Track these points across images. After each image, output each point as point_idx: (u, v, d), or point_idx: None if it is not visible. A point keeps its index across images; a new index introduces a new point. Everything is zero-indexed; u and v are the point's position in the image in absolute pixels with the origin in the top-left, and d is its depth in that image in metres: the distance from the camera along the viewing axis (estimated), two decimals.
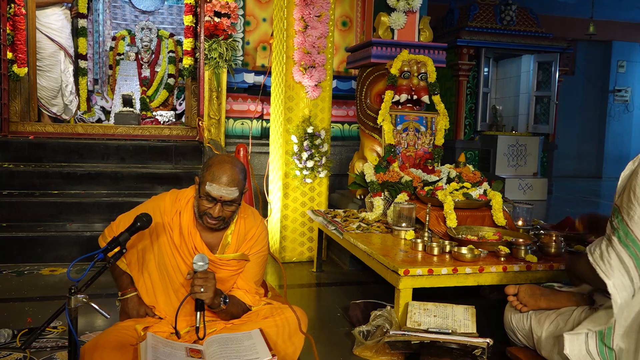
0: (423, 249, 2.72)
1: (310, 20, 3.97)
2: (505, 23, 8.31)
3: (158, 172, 4.74)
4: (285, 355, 1.88)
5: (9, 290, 3.25)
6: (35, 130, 5.25)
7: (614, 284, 1.70)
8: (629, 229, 1.70)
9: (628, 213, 1.71)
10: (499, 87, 9.59)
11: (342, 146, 5.79)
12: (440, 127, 4.03)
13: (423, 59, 4.03)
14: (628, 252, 1.69)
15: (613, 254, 1.72)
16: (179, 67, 8.30)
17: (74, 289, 1.47)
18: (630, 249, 1.69)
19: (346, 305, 3.06)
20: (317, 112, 4.09)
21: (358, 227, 3.28)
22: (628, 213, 1.71)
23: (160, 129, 5.69)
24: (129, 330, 1.80)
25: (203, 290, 1.73)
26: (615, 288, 1.70)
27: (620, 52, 12.41)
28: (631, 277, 1.69)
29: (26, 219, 4.10)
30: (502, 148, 8.09)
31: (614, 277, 1.71)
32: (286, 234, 4.12)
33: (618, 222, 1.73)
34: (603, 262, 1.74)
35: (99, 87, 8.36)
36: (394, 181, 3.52)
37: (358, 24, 6.20)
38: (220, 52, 4.97)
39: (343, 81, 6.07)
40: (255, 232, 2.02)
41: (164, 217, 1.93)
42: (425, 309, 2.34)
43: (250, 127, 5.88)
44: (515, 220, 3.23)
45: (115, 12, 8.75)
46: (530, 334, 2.12)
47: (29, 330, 2.51)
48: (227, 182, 1.82)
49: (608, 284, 1.71)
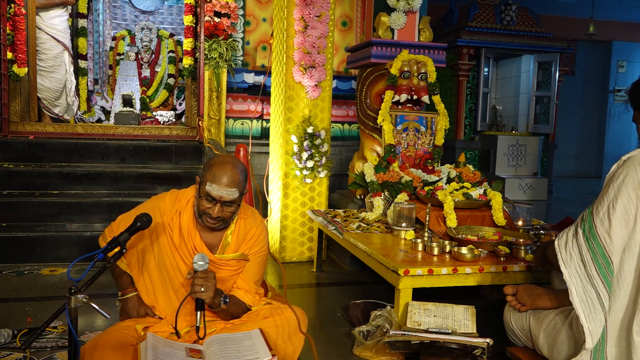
0: (423, 249, 2.72)
1: (310, 20, 3.97)
2: (505, 23, 8.31)
3: (158, 172, 4.74)
4: (285, 355, 1.88)
5: (9, 290, 3.25)
6: (35, 130, 5.25)
7: (570, 274, 1.79)
8: (593, 224, 1.78)
9: (597, 208, 1.79)
10: (499, 87, 9.59)
11: (342, 146, 5.79)
12: (440, 127, 4.03)
13: (423, 59, 4.03)
14: (588, 246, 1.77)
15: (575, 245, 1.81)
16: (179, 67, 8.31)
17: (74, 289, 1.47)
18: (590, 244, 1.77)
19: (346, 305, 3.06)
20: (317, 112, 4.09)
21: (358, 227, 3.28)
22: (597, 208, 1.79)
23: (160, 129, 5.69)
24: (129, 330, 1.80)
25: (203, 290, 1.73)
26: (570, 277, 1.79)
27: (620, 52, 12.41)
28: (588, 272, 1.76)
29: (26, 219, 4.11)
30: (502, 148, 8.09)
31: (570, 267, 1.79)
32: (286, 234, 4.12)
33: (587, 215, 1.82)
34: (566, 251, 1.83)
35: (99, 87, 8.37)
36: (394, 181, 3.52)
37: (358, 24, 6.20)
38: (220, 52, 4.97)
39: (343, 81, 6.07)
40: (255, 232, 2.02)
41: (163, 217, 1.93)
42: (425, 309, 2.34)
43: (250, 127, 5.88)
44: (515, 220, 3.23)
45: (115, 12, 8.75)
46: (530, 333, 2.12)
47: (29, 330, 2.51)
48: (227, 182, 1.82)
49: (564, 273, 1.80)
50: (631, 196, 1.73)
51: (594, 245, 1.76)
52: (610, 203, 1.75)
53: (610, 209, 1.75)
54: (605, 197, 1.77)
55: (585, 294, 1.76)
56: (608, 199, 1.76)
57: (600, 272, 1.74)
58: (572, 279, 1.78)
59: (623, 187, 1.74)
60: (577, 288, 1.76)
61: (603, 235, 1.75)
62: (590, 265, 1.76)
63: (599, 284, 1.74)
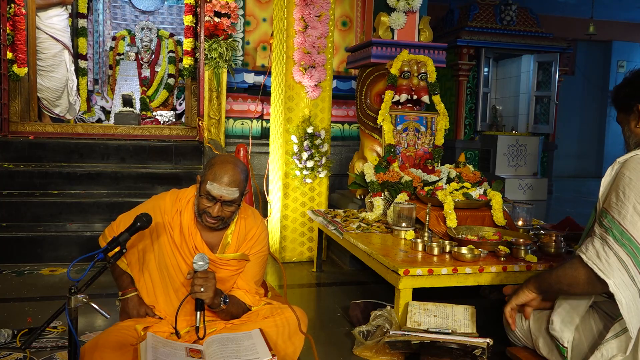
0: (423, 249, 2.72)
1: (310, 20, 3.97)
2: (505, 23, 8.31)
3: (158, 172, 4.74)
4: (285, 355, 1.88)
5: (9, 290, 3.25)
6: (35, 130, 5.25)
7: (615, 283, 1.68)
8: (624, 228, 1.70)
9: (619, 212, 1.72)
10: (499, 87, 9.59)
11: (342, 146, 5.79)
12: (440, 127, 4.03)
13: (423, 59, 4.03)
14: (626, 251, 1.69)
15: (611, 253, 1.70)
16: (179, 67, 8.31)
17: (74, 289, 1.47)
18: (627, 248, 1.69)
19: (346, 305, 3.06)
20: (317, 112, 4.09)
21: (358, 227, 3.28)
22: (619, 212, 1.72)
23: (160, 129, 5.69)
24: (129, 330, 1.80)
25: (203, 290, 1.74)
26: (617, 287, 1.67)
27: (620, 52, 12.41)
28: (632, 276, 1.67)
29: (26, 219, 4.11)
30: (502, 148, 8.09)
31: (614, 277, 1.68)
32: (286, 234, 4.12)
33: (609, 222, 1.74)
34: (601, 261, 1.71)
35: (99, 87, 8.37)
36: (394, 181, 3.52)
37: (358, 24, 6.20)
38: (220, 52, 4.97)
39: (343, 81, 6.07)
40: (256, 232, 2.02)
41: (164, 217, 1.93)
42: (425, 309, 2.34)
43: (250, 127, 5.88)
44: (515, 220, 3.23)
45: (115, 12, 8.75)
46: (529, 333, 2.12)
47: (29, 330, 2.51)
48: (228, 182, 1.82)
49: (609, 284, 1.68)
50: None
51: (632, 248, 1.68)
52: (635, 205, 1.70)
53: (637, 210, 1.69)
54: (626, 199, 1.71)
55: (634, 302, 1.68)
56: (630, 201, 1.70)
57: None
58: (620, 289, 1.68)
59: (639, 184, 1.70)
60: (626, 298, 1.67)
61: (638, 236, 1.69)
62: (632, 268, 1.68)
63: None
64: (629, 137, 1.92)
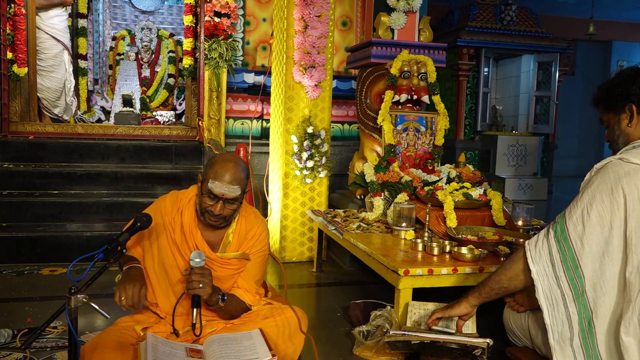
0: (423, 249, 2.72)
1: (310, 20, 3.97)
2: (505, 23, 8.31)
3: (158, 172, 4.74)
4: (286, 356, 1.88)
5: (9, 290, 3.25)
6: (35, 130, 5.25)
7: (537, 271, 1.83)
8: (566, 226, 1.81)
9: (569, 212, 1.83)
10: (499, 87, 9.59)
11: (342, 146, 5.79)
12: (440, 127, 4.02)
13: (423, 59, 4.03)
14: (558, 247, 1.81)
15: (546, 245, 1.84)
16: (179, 67, 8.30)
17: (74, 289, 1.47)
18: (561, 245, 1.80)
19: (346, 305, 3.06)
20: (317, 112, 4.09)
21: (358, 227, 3.28)
22: (569, 212, 1.83)
23: (160, 129, 5.69)
24: (128, 330, 1.80)
25: (201, 286, 1.73)
26: (537, 275, 1.82)
27: (620, 52, 12.41)
28: (556, 272, 1.79)
29: (26, 219, 4.11)
30: (502, 148, 8.09)
31: (538, 265, 1.83)
32: (286, 234, 4.12)
33: (559, 217, 1.86)
34: (535, 249, 1.86)
35: (99, 87, 8.36)
36: (394, 181, 3.52)
37: (358, 24, 6.20)
38: (220, 52, 4.97)
39: (343, 81, 6.07)
40: (257, 231, 2.02)
41: (164, 217, 1.94)
42: (425, 309, 2.34)
43: (250, 127, 5.88)
44: (515, 220, 3.23)
45: (115, 12, 8.75)
46: (529, 333, 2.12)
47: (29, 330, 2.52)
48: (229, 180, 1.83)
49: (532, 270, 1.83)
50: (605, 202, 1.74)
51: (565, 248, 1.79)
52: (585, 209, 1.77)
53: (584, 215, 1.77)
54: (579, 203, 1.80)
55: (551, 292, 1.80)
56: (582, 204, 1.79)
57: (568, 274, 1.77)
58: (539, 277, 1.82)
59: (597, 193, 1.76)
60: (543, 286, 1.81)
61: (574, 239, 1.77)
62: (558, 265, 1.79)
63: (564, 285, 1.78)
64: (618, 137, 1.94)
